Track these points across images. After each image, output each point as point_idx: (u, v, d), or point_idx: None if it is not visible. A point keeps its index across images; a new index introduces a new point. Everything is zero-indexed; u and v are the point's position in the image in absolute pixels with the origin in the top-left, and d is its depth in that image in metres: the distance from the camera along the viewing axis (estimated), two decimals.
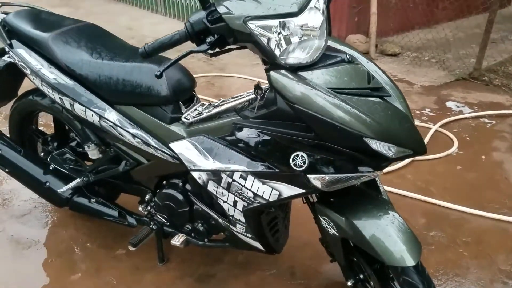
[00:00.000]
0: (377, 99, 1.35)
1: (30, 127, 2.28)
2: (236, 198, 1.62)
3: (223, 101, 1.69)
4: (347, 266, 1.73)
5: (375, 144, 1.31)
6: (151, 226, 1.98)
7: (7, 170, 2.06)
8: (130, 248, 1.94)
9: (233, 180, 1.57)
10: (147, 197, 1.98)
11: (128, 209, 2.10)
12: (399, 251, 1.40)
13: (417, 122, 3.66)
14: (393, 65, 4.96)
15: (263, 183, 1.52)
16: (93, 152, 1.94)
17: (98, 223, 2.40)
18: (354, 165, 1.38)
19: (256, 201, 1.58)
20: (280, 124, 1.42)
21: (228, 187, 1.61)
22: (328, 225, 1.58)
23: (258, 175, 1.52)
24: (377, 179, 1.65)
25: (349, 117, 1.28)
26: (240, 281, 2.15)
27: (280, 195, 1.51)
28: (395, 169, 3.01)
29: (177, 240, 1.90)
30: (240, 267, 2.24)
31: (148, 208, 1.99)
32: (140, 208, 2.05)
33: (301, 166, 1.40)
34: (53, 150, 2.15)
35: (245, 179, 1.54)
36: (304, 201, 1.77)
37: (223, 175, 1.59)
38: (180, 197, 1.85)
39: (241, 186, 1.57)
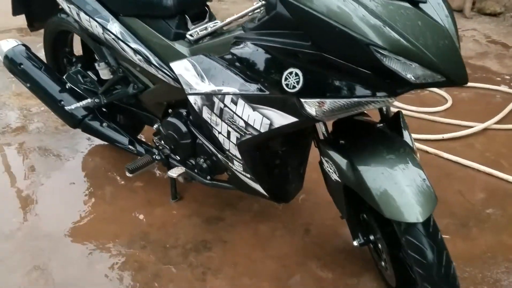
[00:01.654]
0: (405, 3, 1.04)
1: (64, 49, 2.27)
2: (229, 128, 1.43)
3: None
4: (356, 223, 1.46)
5: (387, 60, 1.00)
6: (154, 156, 1.87)
7: (28, 85, 2.09)
8: (127, 173, 1.87)
9: (225, 106, 1.39)
10: (155, 126, 1.87)
11: (140, 139, 2.02)
12: (404, 204, 1.10)
13: (504, 88, 3.08)
14: (490, 26, 4.24)
15: (254, 109, 1.31)
16: (103, 72, 1.88)
17: (124, 155, 2.37)
18: (358, 87, 1.09)
19: (248, 132, 1.37)
20: (277, 34, 1.19)
21: (221, 114, 1.42)
22: (330, 168, 1.32)
23: (248, 99, 1.31)
24: (403, 122, 1.32)
25: (356, 18, 1.00)
26: (249, 228, 1.98)
27: (271, 124, 1.29)
28: (463, 135, 2.55)
29: (175, 172, 1.78)
30: (253, 215, 2.06)
31: (156, 138, 1.89)
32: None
33: (294, 87, 1.15)
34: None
35: (235, 103, 1.35)
36: (316, 145, 1.52)
37: (215, 99, 1.41)
38: (183, 127, 1.71)
39: (232, 113, 1.37)
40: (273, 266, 1.80)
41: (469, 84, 3.06)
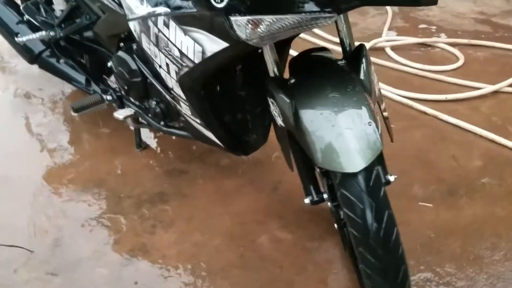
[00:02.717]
0: None
1: None
2: (167, 60, 1.25)
3: None
4: (309, 178, 1.26)
5: None
6: (105, 97, 1.71)
7: None
8: (72, 112, 1.71)
9: (159, 30, 1.21)
10: (109, 63, 1.69)
11: (101, 80, 1.86)
12: (339, 149, 0.90)
13: None
14: None
15: (185, 33, 1.12)
16: (58, 1, 1.70)
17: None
18: (297, 2, 0.88)
19: (184, 64, 1.19)
20: None
21: (157, 42, 1.25)
22: (275, 111, 1.12)
23: (179, 20, 1.13)
24: (365, 58, 1.09)
25: None
26: (212, 183, 1.82)
27: (203, 52, 1.10)
28: (468, 97, 2.28)
29: (122, 113, 1.62)
30: (220, 170, 1.90)
31: (111, 77, 1.73)
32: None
33: (221, 1, 0.94)
34: None
35: (167, 26, 1.16)
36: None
37: (150, 23, 1.23)
38: (132, 64, 1.54)
39: (167, 40, 1.20)
40: (230, 223, 1.65)
41: (486, 42, 2.74)
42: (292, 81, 1.10)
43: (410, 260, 1.19)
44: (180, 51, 1.15)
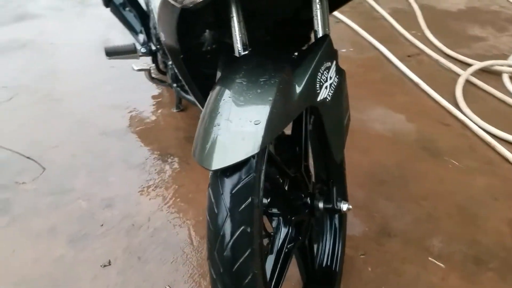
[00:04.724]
0: None
1: None
2: None
3: None
4: None
5: None
6: (139, 48, 1.77)
7: None
8: (106, 56, 1.79)
9: None
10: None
11: (142, 30, 1.94)
12: (209, 141, 0.75)
13: None
14: None
15: None
16: None
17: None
18: None
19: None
20: None
21: None
22: None
23: None
24: (322, 52, 0.87)
25: None
26: None
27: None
28: None
29: (138, 66, 1.66)
30: None
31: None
32: None
33: None
34: None
35: None
36: None
37: None
38: None
39: None
40: None
41: None
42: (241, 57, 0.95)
43: None
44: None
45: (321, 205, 1.05)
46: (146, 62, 1.94)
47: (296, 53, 0.91)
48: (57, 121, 2.01)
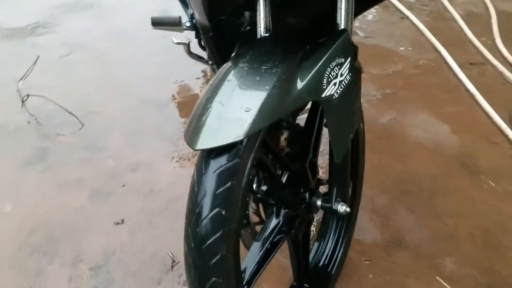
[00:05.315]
0: None
1: None
2: None
3: None
4: None
5: None
6: (184, 22, 1.79)
7: None
8: (152, 25, 1.84)
9: None
10: None
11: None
12: (199, 120, 0.75)
13: None
14: None
15: None
16: None
17: None
18: None
19: None
20: None
21: None
22: None
23: None
24: (337, 46, 0.84)
25: None
26: None
27: None
28: None
29: (177, 39, 1.70)
30: None
31: None
32: None
33: None
34: None
35: None
36: None
37: None
38: None
39: None
40: None
41: None
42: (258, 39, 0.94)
43: None
44: None
45: (319, 203, 1.03)
46: (187, 36, 1.98)
47: (310, 44, 0.88)
48: (104, 82, 2.13)
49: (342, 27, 0.89)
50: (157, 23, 1.82)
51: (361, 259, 1.39)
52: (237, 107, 0.74)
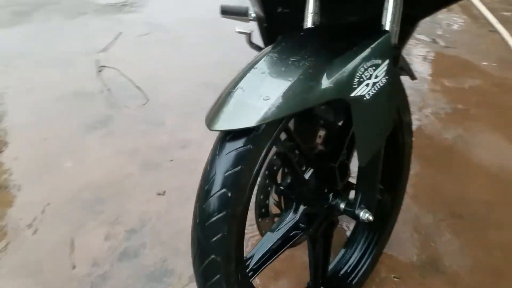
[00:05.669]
0: None
1: None
2: None
3: None
4: None
5: None
6: (250, 12, 1.80)
7: None
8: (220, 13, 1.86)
9: None
10: None
11: None
12: (220, 102, 0.77)
13: None
14: None
15: None
16: None
17: None
18: None
19: None
20: None
21: None
22: None
23: None
24: (376, 47, 0.81)
25: None
26: None
27: None
28: None
29: (240, 28, 1.70)
30: None
31: None
32: None
33: None
34: None
35: None
36: None
37: None
38: None
39: None
40: None
41: None
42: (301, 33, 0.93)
43: None
44: None
45: (342, 206, 1.00)
46: (249, 27, 1.98)
47: (349, 42, 0.86)
48: (173, 63, 2.24)
49: (387, 28, 0.85)
50: (226, 11, 1.85)
51: (390, 275, 1.32)
52: (257, 95, 0.74)
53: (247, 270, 0.89)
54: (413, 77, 1.12)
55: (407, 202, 1.56)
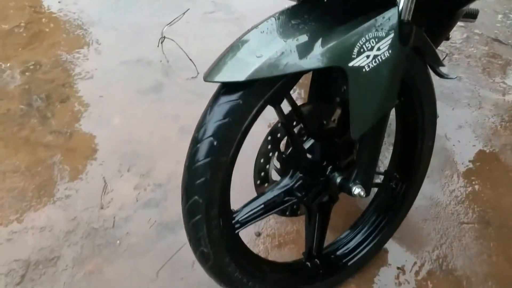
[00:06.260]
0: None
1: None
2: None
3: None
4: None
5: None
6: None
7: None
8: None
9: None
10: None
11: None
12: (219, 57, 0.83)
13: None
14: None
15: None
16: None
17: None
18: None
19: None
20: None
21: None
22: None
23: None
24: (393, 14, 0.82)
25: None
26: None
27: None
28: None
29: None
30: None
31: None
32: None
33: None
34: None
35: None
36: None
37: None
38: None
39: None
40: None
41: None
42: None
43: None
44: None
45: (338, 180, 1.02)
46: None
47: (356, 13, 0.87)
48: (231, 41, 2.33)
49: (401, 4, 0.85)
50: None
51: (395, 265, 1.31)
52: (251, 52, 0.80)
53: (233, 222, 0.95)
54: (440, 65, 1.09)
55: (434, 200, 1.52)
